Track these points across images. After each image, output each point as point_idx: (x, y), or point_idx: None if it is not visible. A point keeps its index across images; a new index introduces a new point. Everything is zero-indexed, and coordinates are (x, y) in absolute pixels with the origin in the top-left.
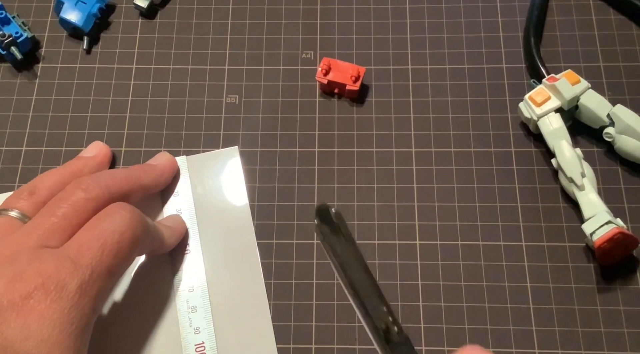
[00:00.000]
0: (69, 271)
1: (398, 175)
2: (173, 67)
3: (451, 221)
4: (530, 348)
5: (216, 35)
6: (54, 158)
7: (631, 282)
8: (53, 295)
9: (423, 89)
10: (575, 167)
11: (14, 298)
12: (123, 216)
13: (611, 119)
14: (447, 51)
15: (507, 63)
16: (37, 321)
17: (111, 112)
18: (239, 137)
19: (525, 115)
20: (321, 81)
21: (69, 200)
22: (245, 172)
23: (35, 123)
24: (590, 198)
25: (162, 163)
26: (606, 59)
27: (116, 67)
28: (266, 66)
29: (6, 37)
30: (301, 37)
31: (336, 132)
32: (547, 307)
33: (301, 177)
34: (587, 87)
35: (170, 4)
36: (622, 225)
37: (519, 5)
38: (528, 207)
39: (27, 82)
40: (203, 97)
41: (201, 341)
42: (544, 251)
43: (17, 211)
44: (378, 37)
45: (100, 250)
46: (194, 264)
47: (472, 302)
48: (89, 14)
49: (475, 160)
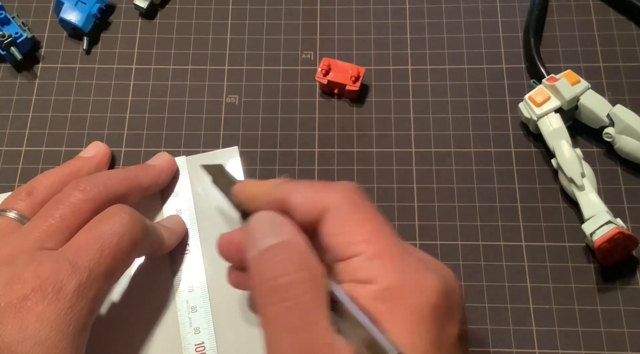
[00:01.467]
0: (66, 273)
1: (398, 175)
2: (173, 67)
3: (451, 221)
4: (530, 348)
5: (216, 35)
6: (53, 159)
7: (631, 282)
8: (50, 297)
9: (423, 89)
10: (575, 167)
11: (12, 300)
12: (122, 219)
13: (611, 119)
14: (447, 51)
15: (507, 64)
16: (35, 323)
17: (111, 112)
18: (239, 137)
19: (525, 115)
20: (321, 81)
21: (66, 201)
22: (245, 172)
23: (35, 124)
24: (590, 198)
25: (160, 164)
26: (606, 59)
27: (116, 68)
28: (266, 66)
29: (6, 37)
30: (301, 37)
31: (336, 132)
32: (547, 307)
33: (301, 177)
34: (587, 87)
35: (170, 4)
36: (622, 225)
37: (519, 5)
38: (528, 207)
39: (27, 83)
40: (203, 97)
41: (201, 341)
42: (544, 251)
43: (15, 212)
44: (378, 38)
45: (98, 252)
46: (194, 264)
47: (472, 302)
48: (89, 14)
49: (475, 160)
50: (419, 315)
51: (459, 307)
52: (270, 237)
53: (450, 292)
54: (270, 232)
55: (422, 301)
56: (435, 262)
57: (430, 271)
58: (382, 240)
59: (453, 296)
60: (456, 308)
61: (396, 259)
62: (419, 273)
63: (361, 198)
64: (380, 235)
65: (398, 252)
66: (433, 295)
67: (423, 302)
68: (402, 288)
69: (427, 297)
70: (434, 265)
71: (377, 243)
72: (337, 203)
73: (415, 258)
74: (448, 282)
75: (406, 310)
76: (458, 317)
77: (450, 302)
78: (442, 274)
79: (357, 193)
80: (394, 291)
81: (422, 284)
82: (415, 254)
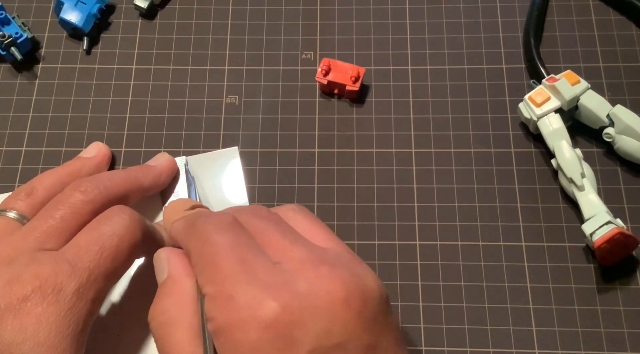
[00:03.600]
0: (66, 274)
1: (398, 176)
2: (173, 67)
3: (451, 222)
4: (530, 348)
5: (216, 35)
6: (53, 159)
7: (631, 282)
8: (50, 298)
9: (423, 90)
10: (575, 167)
11: (11, 301)
12: (123, 220)
13: (611, 119)
14: (447, 51)
15: (507, 64)
16: (34, 324)
17: (111, 112)
18: (239, 138)
19: (525, 115)
20: (321, 81)
21: (66, 202)
22: (245, 172)
23: (35, 124)
24: (590, 198)
25: (161, 164)
26: (606, 59)
27: (116, 68)
28: (266, 66)
29: (6, 37)
30: (301, 37)
31: (336, 133)
32: (547, 307)
33: (301, 178)
34: (587, 87)
35: (170, 5)
36: (622, 225)
37: (519, 5)
38: (528, 207)
39: (27, 83)
40: (203, 98)
41: None
42: (544, 252)
43: (14, 212)
44: (378, 38)
45: (98, 253)
46: None
47: (472, 302)
48: (89, 14)
49: (475, 161)
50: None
51: (309, 332)
52: (158, 275)
53: (286, 322)
54: (158, 270)
55: (243, 340)
56: (288, 283)
57: (258, 305)
58: (222, 278)
59: (290, 326)
60: (298, 335)
61: (226, 297)
62: (242, 310)
63: (224, 232)
64: (224, 272)
65: (232, 288)
66: (255, 331)
67: (244, 341)
68: (226, 328)
69: (247, 336)
70: (278, 291)
71: (217, 283)
72: (195, 245)
73: (252, 289)
74: (288, 309)
75: (230, 351)
76: (306, 343)
77: (284, 332)
78: (283, 301)
79: (220, 228)
80: (220, 332)
81: (245, 321)
82: (264, 279)
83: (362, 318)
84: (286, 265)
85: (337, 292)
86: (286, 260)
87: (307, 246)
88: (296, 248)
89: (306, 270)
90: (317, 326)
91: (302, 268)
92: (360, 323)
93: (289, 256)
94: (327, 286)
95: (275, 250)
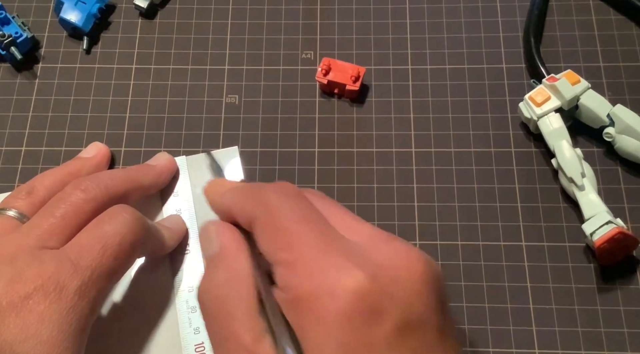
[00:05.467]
0: (68, 273)
1: (398, 175)
2: (173, 67)
3: (451, 221)
4: (530, 348)
5: (216, 35)
6: (53, 158)
7: (631, 282)
8: (52, 296)
9: (423, 89)
10: (575, 166)
11: (13, 299)
12: (124, 219)
13: (611, 119)
14: (447, 51)
15: (507, 64)
16: (36, 322)
17: (111, 112)
18: (238, 137)
19: (525, 115)
20: (321, 81)
21: (67, 200)
22: (245, 172)
23: (35, 123)
24: (590, 198)
25: (161, 164)
26: (606, 59)
27: (116, 67)
28: (266, 66)
29: (6, 37)
30: (301, 37)
31: (336, 132)
32: (547, 307)
33: (301, 177)
34: (587, 87)
35: (170, 4)
36: (622, 225)
37: (519, 5)
38: (528, 207)
39: (26, 82)
40: (203, 97)
41: (201, 341)
42: (544, 251)
43: (15, 210)
44: (378, 37)
45: (100, 252)
46: (194, 264)
47: (472, 302)
48: (89, 14)
49: (475, 160)
50: (326, 325)
51: (395, 303)
52: (207, 249)
53: (374, 291)
54: (208, 244)
55: (330, 309)
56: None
57: (344, 274)
58: (301, 246)
59: (379, 296)
60: (387, 306)
61: (307, 265)
62: (328, 279)
63: (289, 200)
64: (301, 239)
65: (314, 255)
66: (343, 300)
67: (330, 310)
68: (308, 297)
69: (334, 305)
70: (361, 261)
71: (294, 250)
72: (263, 211)
73: (335, 259)
74: (375, 279)
75: (312, 320)
76: (393, 314)
77: (373, 302)
78: (369, 271)
79: (285, 196)
80: (301, 300)
81: (332, 290)
82: (344, 249)
83: (437, 296)
84: (357, 239)
85: (416, 267)
86: (355, 235)
87: (368, 223)
88: (359, 225)
89: (379, 244)
90: (402, 298)
91: (374, 243)
92: (436, 300)
93: (358, 232)
94: (405, 260)
95: (340, 225)
